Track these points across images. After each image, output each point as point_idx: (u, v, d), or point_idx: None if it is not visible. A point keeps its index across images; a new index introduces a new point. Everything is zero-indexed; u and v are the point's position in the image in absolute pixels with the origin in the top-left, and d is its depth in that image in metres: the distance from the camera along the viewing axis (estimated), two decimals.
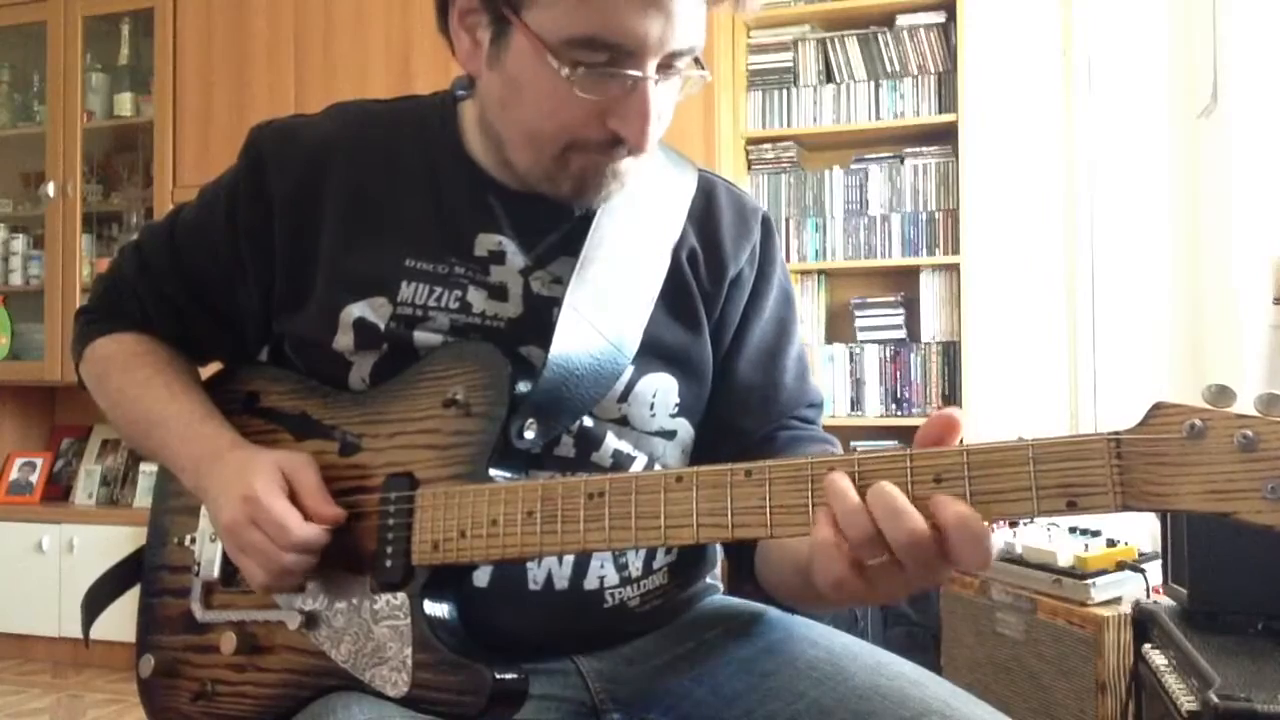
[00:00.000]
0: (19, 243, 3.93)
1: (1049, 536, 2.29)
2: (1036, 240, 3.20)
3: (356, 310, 0.94)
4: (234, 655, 0.94)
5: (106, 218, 3.90)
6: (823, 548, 0.70)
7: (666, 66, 0.86)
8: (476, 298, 0.95)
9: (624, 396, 0.96)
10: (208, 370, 1.09)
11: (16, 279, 3.91)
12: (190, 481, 0.96)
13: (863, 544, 0.68)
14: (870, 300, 3.25)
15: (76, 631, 1.09)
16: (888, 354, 3.20)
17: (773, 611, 1.01)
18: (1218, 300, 2.64)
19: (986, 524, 0.67)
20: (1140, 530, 2.39)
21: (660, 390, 0.98)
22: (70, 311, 3.70)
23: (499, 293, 0.95)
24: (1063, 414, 3.13)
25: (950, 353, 3.14)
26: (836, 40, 3.29)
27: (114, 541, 3.39)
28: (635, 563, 0.97)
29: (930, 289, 3.17)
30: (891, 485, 0.68)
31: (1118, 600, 2.07)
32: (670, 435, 1.00)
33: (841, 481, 0.70)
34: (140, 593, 1.06)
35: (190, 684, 0.97)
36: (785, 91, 3.33)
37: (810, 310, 3.29)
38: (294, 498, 0.88)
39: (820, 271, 3.30)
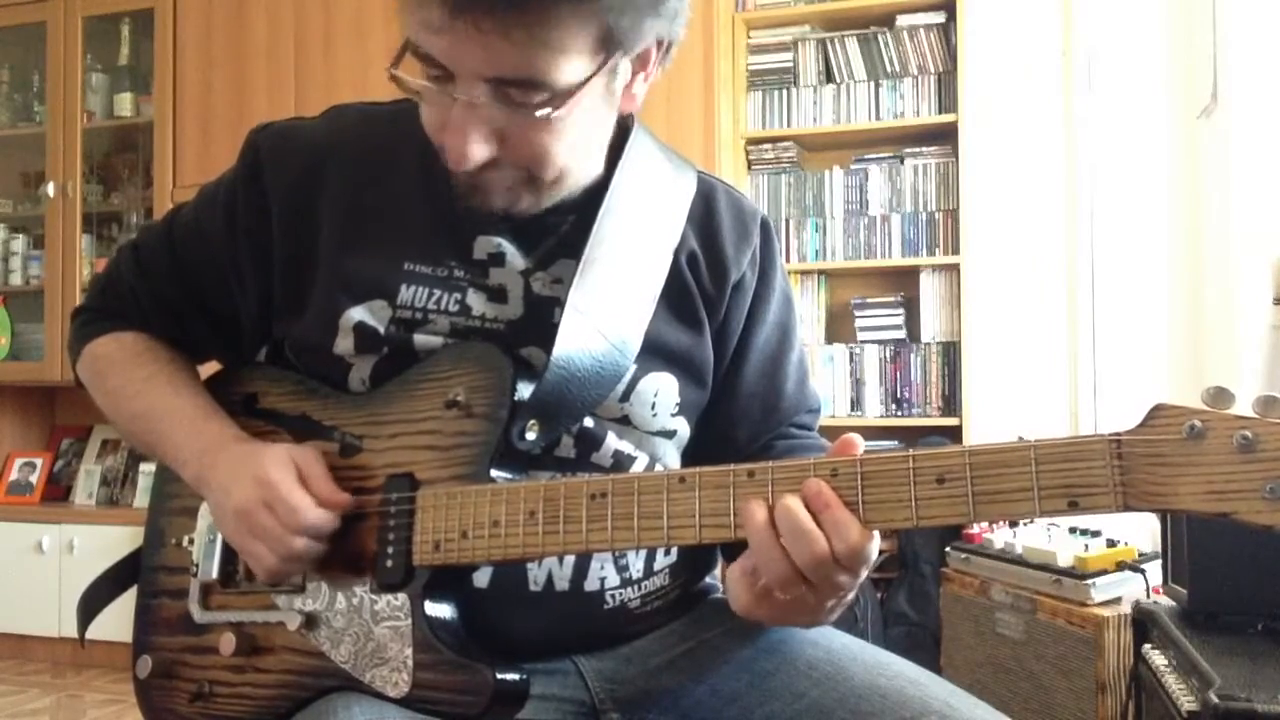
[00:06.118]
0: (19, 243, 3.93)
1: (1049, 537, 2.29)
2: (1036, 240, 3.20)
3: (356, 314, 0.94)
4: (233, 656, 0.94)
5: (106, 218, 3.91)
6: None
7: (503, 95, 0.83)
8: (476, 300, 0.95)
9: (625, 396, 0.96)
10: (204, 370, 1.09)
11: (16, 279, 3.92)
12: (192, 473, 0.96)
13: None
14: (870, 300, 3.26)
15: (76, 632, 1.09)
16: (888, 354, 3.20)
17: None
18: (1218, 300, 2.64)
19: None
20: (1140, 530, 2.39)
21: (661, 390, 0.98)
22: (70, 312, 3.69)
23: (498, 295, 0.95)
24: (1063, 414, 3.13)
25: (950, 353, 3.14)
26: (836, 40, 3.29)
27: (114, 542, 3.39)
28: (636, 564, 0.97)
29: (930, 289, 3.17)
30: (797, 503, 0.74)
31: (1118, 600, 2.07)
32: (670, 435, 1.00)
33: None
34: (138, 594, 1.06)
35: (188, 685, 0.97)
36: (785, 91, 3.33)
37: (810, 310, 3.29)
38: (303, 485, 0.89)
39: (820, 271, 3.30)
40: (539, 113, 0.83)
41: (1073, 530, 2.31)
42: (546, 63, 0.81)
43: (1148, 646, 1.78)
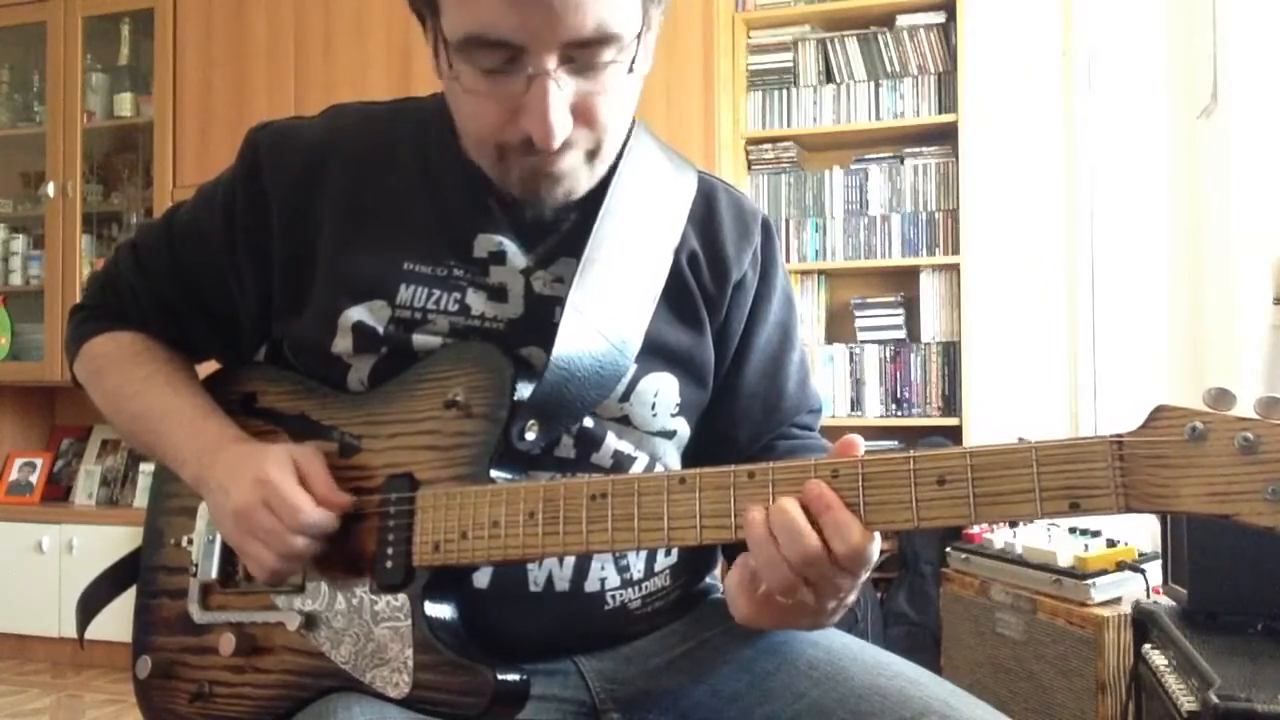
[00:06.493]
0: (19, 243, 3.93)
1: (1049, 537, 2.29)
2: (1036, 240, 3.20)
3: (355, 314, 0.94)
4: (232, 656, 0.94)
5: (106, 218, 3.90)
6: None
7: (570, 60, 0.83)
8: (475, 300, 0.95)
9: (625, 396, 0.96)
10: (203, 369, 1.08)
11: (16, 279, 3.91)
12: (191, 473, 0.96)
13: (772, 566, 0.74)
14: (870, 300, 3.25)
15: (75, 632, 1.09)
16: (888, 354, 3.20)
17: None
18: (1218, 300, 2.64)
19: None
20: (1140, 530, 2.39)
21: (661, 390, 0.98)
22: (68, 310, 3.69)
23: (498, 294, 0.95)
24: (1063, 414, 3.13)
25: (950, 353, 3.14)
26: (836, 40, 3.28)
27: (114, 542, 3.39)
28: (636, 565, 0.97)
29: (930, 289, 3.17)
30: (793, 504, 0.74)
31: (1118, 600, 2.07)
32: (670, 435, 1.00)
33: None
34: (137, 594, 1.05)
35: (188, 685, 0.97)
36: (785, 91, 3.33)
37: (810, 310, 3.29)
38: (304, 485, 0.88)
39: (820, 271, 3.30)
40: (614, 69, 0.84)
41: (1073, 530, 2.31)
42: (614, 15, 0.82)
43: (1148, 646, 1.78)
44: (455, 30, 0.83)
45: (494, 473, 0.87)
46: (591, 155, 0.90)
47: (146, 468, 3.69)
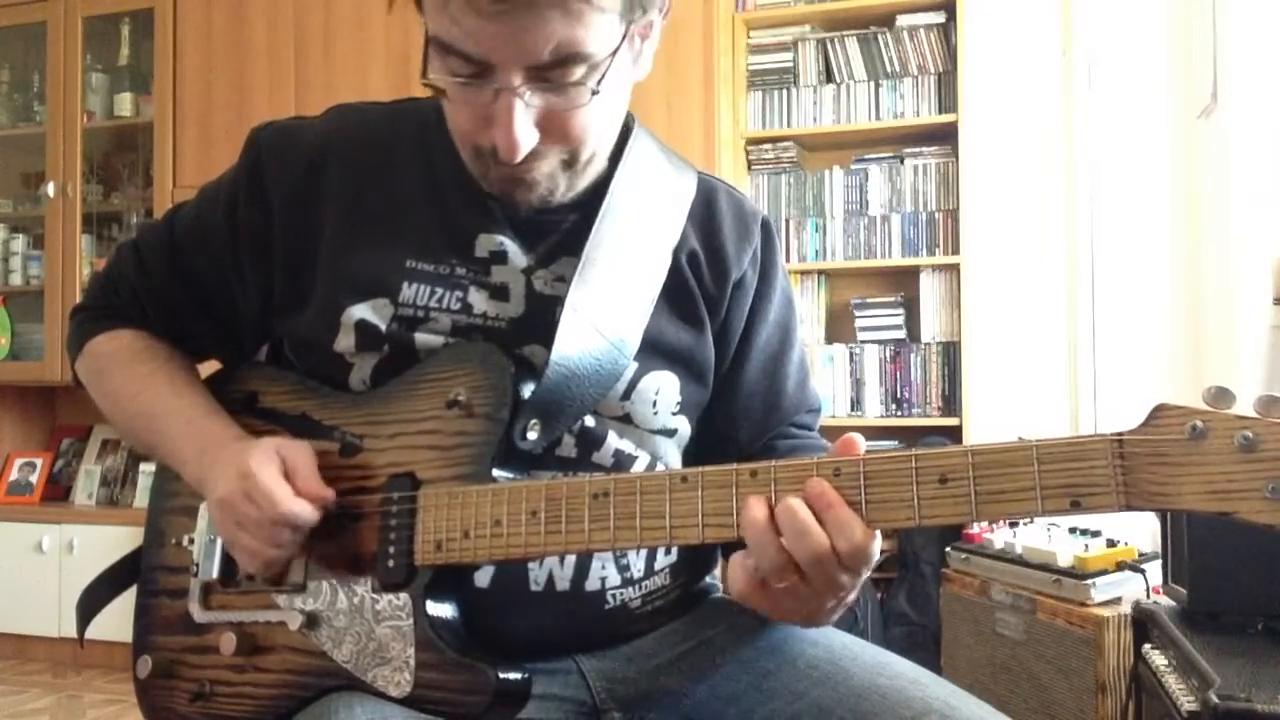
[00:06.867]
0: (19, 243, 3.93)
1: (1049, 537, 2.29)
2: (1036, 240, 3.20)
3: (358, 312, 0.94)
4: (233, 656, 0.94)
5: (106, 218, 3.91)
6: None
7: (539, 78, 0.83)
8: (478, 299, 0.95)
9: (626, 394, 0.96)
10: (205, 369, 1.09)
11: (16, 279, 3.92)
12: (192, 473, 0.96)
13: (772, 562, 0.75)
14: (870, 300, 3.26)
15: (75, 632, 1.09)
16: (888, 354, 3.20)
17: None
18: (1218, 300, 2.64)
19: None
20: (1140, 530, 2.39)
21: (663, 388, 0.98)
22: (70, 310, 3.69)
23: (500, 293, 0.95)
24: (1063, 414, 3.13)
25: (950, 353, 3.14)
26: (836, 40, 3.29)
27: (114, 542, 3.39)
28: (637, 564, 0.97)
29: (930, 289, 3.17)
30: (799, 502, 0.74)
31: (1118, 600, 2.07)
32: (671, 433, 1.00)
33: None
34: (137, 593, 1.05)
35: (189, 685, 0.97)
36: (785, 91, 3.33)
37: (810, 310, 3.29)
38: (288, 478, 0.88)
39: (820, 271, 3.30)
40: (582, 89, 0.84)
41: (1073, 530, 2.31)
42: (584, 36, 0.82)
43: (1148, 646, 1.78)
44: (432, 31, 0.85)
45: (496, 472, 0.87)
46: (568, 164, 0.91)
47: (146, 468, 3.70)
